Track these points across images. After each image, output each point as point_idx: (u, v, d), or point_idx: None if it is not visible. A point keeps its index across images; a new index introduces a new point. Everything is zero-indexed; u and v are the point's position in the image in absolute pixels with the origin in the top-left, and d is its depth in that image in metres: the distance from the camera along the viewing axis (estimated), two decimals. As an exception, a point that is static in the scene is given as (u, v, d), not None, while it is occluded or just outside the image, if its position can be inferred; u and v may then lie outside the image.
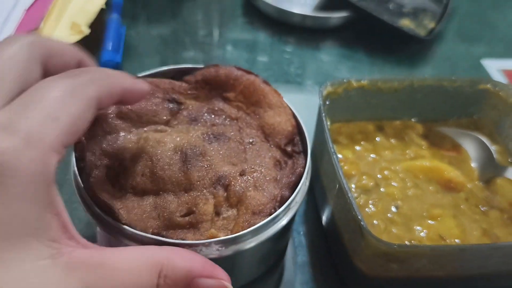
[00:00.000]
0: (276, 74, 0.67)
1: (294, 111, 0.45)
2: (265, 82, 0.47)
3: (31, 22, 0.61)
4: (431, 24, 0.75)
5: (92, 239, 0.29)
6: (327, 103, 0.51)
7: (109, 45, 0.64)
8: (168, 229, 0.37)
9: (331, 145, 0.44)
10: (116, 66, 0.63)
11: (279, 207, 0.38)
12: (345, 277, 0.45)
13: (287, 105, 0.46)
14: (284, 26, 0.76)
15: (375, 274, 0.42)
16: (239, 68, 0.47)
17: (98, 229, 0.38)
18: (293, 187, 0.40)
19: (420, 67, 0.72)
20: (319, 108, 0.48)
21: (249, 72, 0.47)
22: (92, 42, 0.66)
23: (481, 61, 0.75)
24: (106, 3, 0.70)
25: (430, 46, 0.76)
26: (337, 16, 0.75)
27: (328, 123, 0.46)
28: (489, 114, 0.56)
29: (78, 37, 0.61)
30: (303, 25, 0.76)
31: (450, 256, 0.39)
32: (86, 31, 0.62)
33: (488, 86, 0.54)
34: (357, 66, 0.70)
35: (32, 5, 0.64)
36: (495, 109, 0.55)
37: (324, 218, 0.49)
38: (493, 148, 0.53)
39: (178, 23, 0.75)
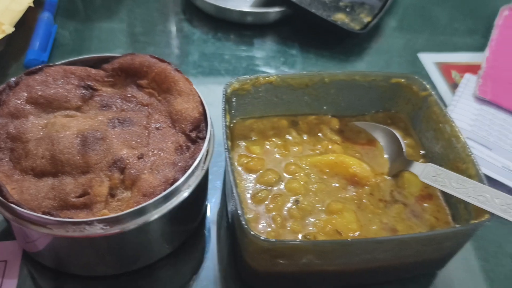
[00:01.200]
0: (206, 71, 0.68)
1: (203, 98, 0.47)
2: (177, 70, 0.49)
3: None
4: (367, 18, 0.75)
5: None
6: (234, 100, 0.51)
7: (35, 44, 0.64)
8: (63, 209, 0.39)
9: (225, 141, 0.44)
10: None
11: None
12: (242, 273, 0.45)
13: (197, 92, 0.47)
14: (223, 23, 0.76)
15: (265, 270, 0.42)
16: (153, 57, 0.49)
17: None
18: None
19: (354, 61, 0.72)
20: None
21: (162, 60, 0.49)
22: (22, 41, 0.67)
23: (418, 54, 0.75)
24: (39, 2, 0.71)
25: (367, 40, 0.76)
26: (276, 10, 0.75)
27: (228, 119, 0.47)
28: (405, 108, 0.56)
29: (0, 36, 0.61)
30: (242, 21, 0.76)
31: (334, 251, 0.40)
32: (9, 30, 0.62)
33: (401, 80, 0.54)
34: (289, 61, 0.70)
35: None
36: (409, 103, 0.55)
37: (229, 215, 0.49)
38: (406, 141, 0.53)
39: (114, 22, 0.75)
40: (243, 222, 0.38)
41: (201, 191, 0.47)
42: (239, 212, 0.39)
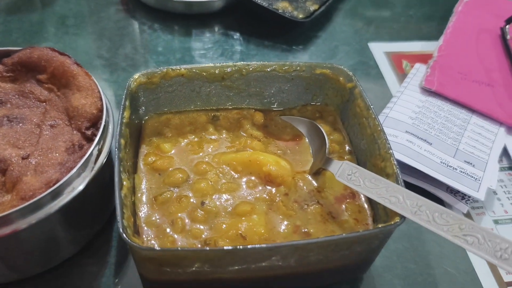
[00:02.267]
0: (137, 63, 0.64)
1: (102, 93, 0.44)
2: (77, 63, 0.46)
3: None
4: (314, 6, 0.71)
5: None
6: (141, 94, 0.47)
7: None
8: None
9: (117, 139, 0.41)
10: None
11: None
12: (142, 283, 0.42)
13: (97, 86, 0.45)
14: (163, 13, 0.73)
15: (155, 278, 0.39)
16: (53, 50, 0.47)
17: None
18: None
19: (297, 51, 0.68)
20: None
21: (62, 54, 0.46)
22: None
23: (369, 43, 0.71)
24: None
25: (314, 29, 0.72)
26: None
27: (126, 116, 0.43)
28: (334, 101, 0.52)
29: None
30: (183, 11, 0.72)
31: (221, 259, 0.36)
32: None
33: (326, 70, 0.50)
34: (227, 52, 0.67)
35: None
36: (338, 95, 0.51)
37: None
38: (332, 137, 0.50)
39: (46, 13, 0.71)
40: (121, 229, 0.35)
41: (98, 192, 0.44)
42: (118, 218, 0.35)
